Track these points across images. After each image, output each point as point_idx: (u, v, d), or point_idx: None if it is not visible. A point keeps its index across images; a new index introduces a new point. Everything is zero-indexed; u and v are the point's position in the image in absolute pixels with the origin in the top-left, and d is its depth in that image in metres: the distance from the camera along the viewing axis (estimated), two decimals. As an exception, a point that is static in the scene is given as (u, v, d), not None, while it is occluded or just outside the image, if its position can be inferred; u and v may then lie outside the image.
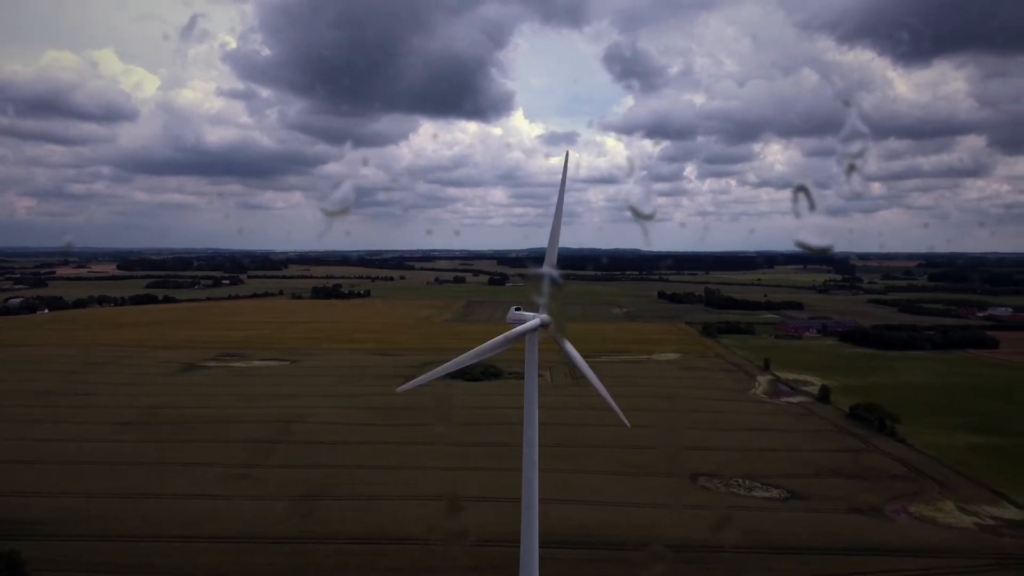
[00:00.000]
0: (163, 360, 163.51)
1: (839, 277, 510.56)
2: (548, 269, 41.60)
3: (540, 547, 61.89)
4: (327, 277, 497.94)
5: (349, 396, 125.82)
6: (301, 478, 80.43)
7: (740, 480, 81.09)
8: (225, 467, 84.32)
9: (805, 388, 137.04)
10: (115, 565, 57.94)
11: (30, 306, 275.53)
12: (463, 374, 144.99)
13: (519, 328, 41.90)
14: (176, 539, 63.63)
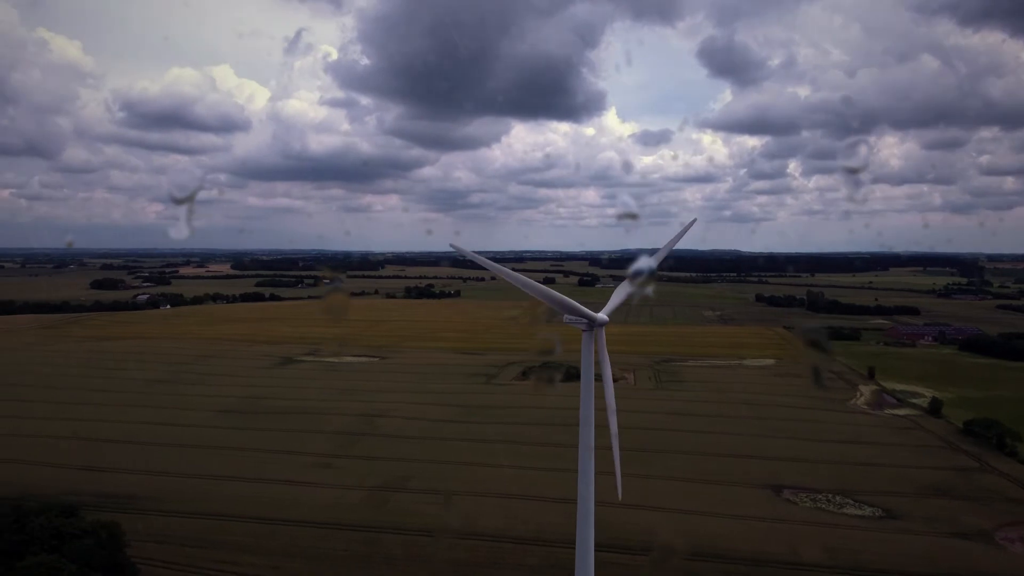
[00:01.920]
0: (264, 354, 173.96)
1: (964, 280, 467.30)
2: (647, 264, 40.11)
3: (604, 551, 60.73)
4: (420, 277, 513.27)
5: (431, 393, 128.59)
6: (380, 470, 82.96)
7: (830, 495, 75.73)
8: (311, 455, 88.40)
9: (913, 400, 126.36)
10: (200, 540, 62.02)
11: (154, 302, 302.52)
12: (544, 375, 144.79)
13: (576, 306, 40.15)
14: (259, 520, 67.32)
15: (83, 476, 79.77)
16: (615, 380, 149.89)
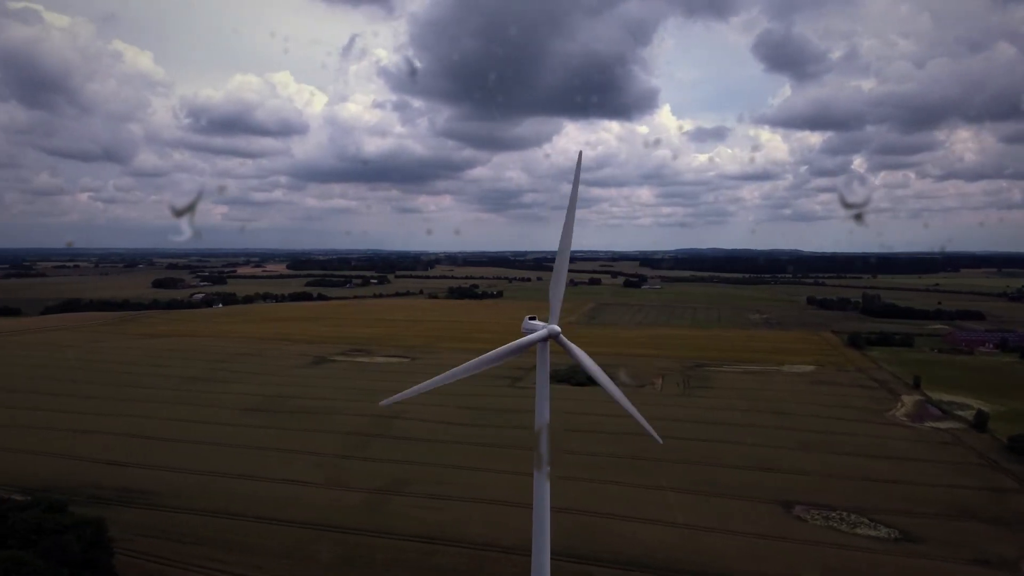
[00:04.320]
0: (300, 353, 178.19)
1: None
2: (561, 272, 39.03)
3: (592, 564, 59.20)
4: (467, 277, 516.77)
5: (452, 395, 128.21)
6: (385, 472, 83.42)
7: (844, 513, 71.68)
8: (320, 456, 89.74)
9: (960, 412, 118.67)
10: (195, 536, 63.63)
11: (208, 301, 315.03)
12: (568, 379, 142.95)
13: (524, 339, 39.86)
14: (257, 519, 68.62)
15: (107, 470, 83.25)
16: (641, 385, 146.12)
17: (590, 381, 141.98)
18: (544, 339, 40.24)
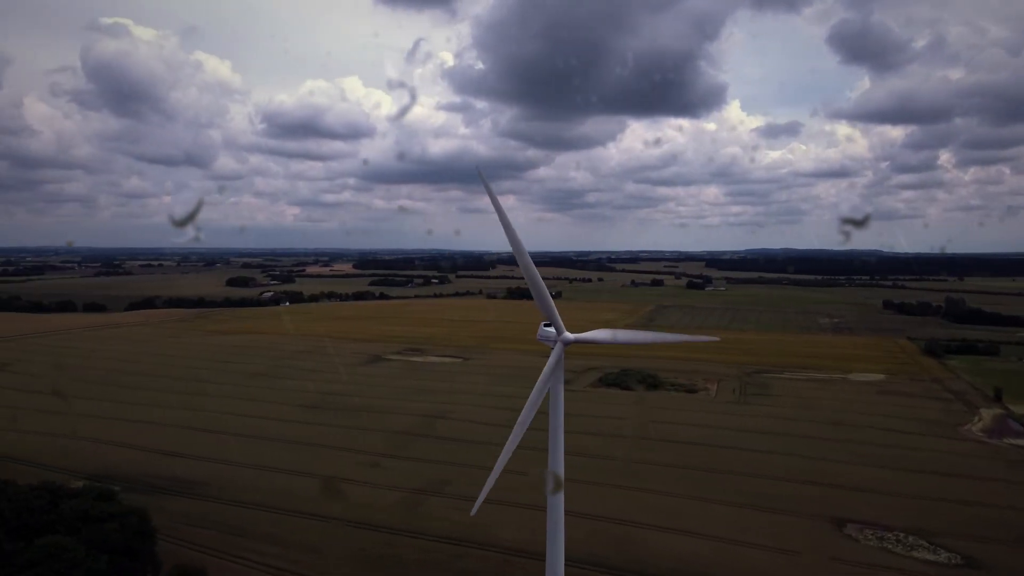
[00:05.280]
0: (357, 351, 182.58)
1: None
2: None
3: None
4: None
5: (500, 396, 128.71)
6: (424, 472, 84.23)
7: (902, 534, 67.21)
8: (365, 454, 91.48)
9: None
10: (238, 528, 66.02)
11: (276, 299, 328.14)
12: (617, 383, 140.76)
13: (551, 362, 39.09)
14: (298, 513, 70.56)
15: (165, 460, 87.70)
16: (693, 391, 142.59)
17: (640, 385, 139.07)
18: (560, 351, 39.33)
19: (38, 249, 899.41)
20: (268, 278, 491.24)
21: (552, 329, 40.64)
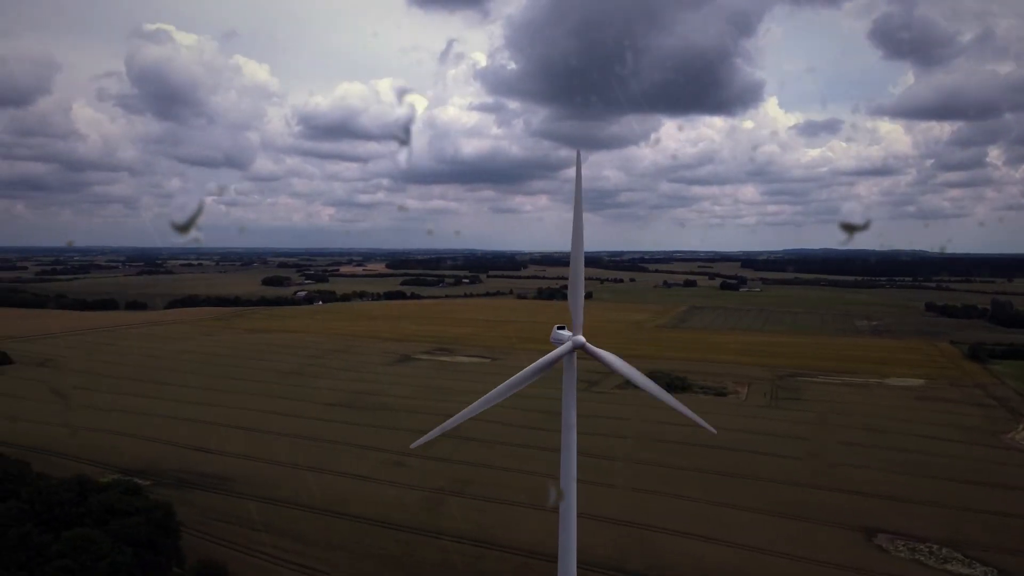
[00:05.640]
0: (387, 351, 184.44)
1: None
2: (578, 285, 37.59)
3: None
4: (558, 278, 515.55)
5: (525, 397, 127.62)
6: (446, 472, 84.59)
7: (935, 546, 64.92)
8: (388, 453, 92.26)
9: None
10: (263, 524, 67.11)
11: (309, 298, 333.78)
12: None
13: (550, 356, 38.86)
14: (322, 511, 71.52)
15: (195, 456, 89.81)
16: (723, 394, 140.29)
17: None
18: (570, 351, 38.88)
19: (85, 249, 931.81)
20: (303, 277, 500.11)
21: (565, 331, 40.19)
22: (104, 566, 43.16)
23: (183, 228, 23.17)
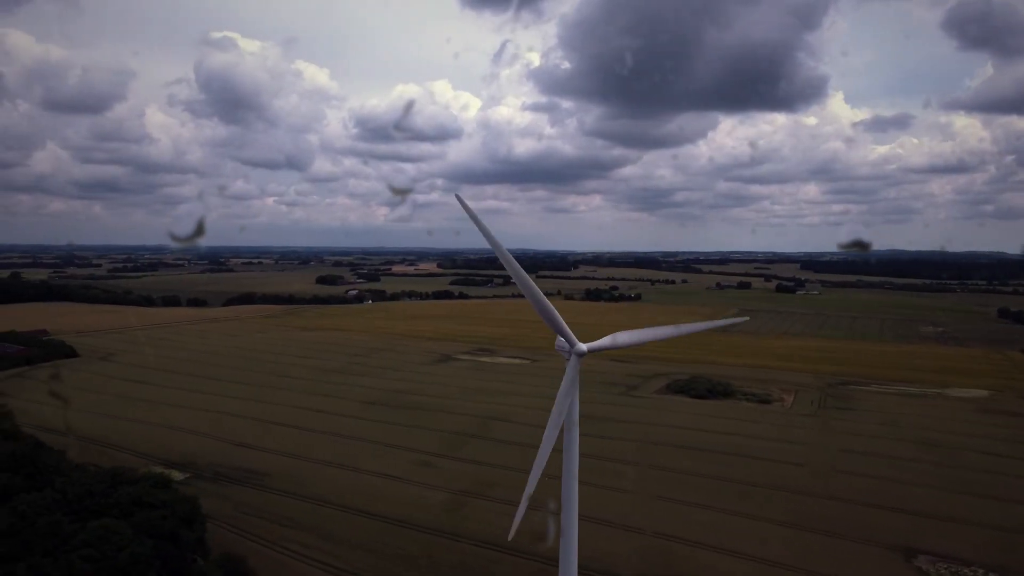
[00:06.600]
0: (429, 350, 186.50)
1: None
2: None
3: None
4: (609, 279, 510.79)
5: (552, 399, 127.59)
6: (472, 474, 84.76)
7: (979, 570, 60.96)
8: (418, 453, 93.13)
9: None
10: (290, 520, 68.87)
11: (360, 297, 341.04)
12: (685, 390, 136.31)
13: (569, 377, 38.16)
14: (348, 509, 72.71)
15: (235, 451, 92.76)
16: (767, 402, 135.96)
17: (710, 394, 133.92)
18: (578, 362, 38.27)
19: (156, 247, 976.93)
20: (355, 276, 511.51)
21: (565, 344, 39.52)
22: (124, 556, 44.91)
23: (186, 240, 23.79)
